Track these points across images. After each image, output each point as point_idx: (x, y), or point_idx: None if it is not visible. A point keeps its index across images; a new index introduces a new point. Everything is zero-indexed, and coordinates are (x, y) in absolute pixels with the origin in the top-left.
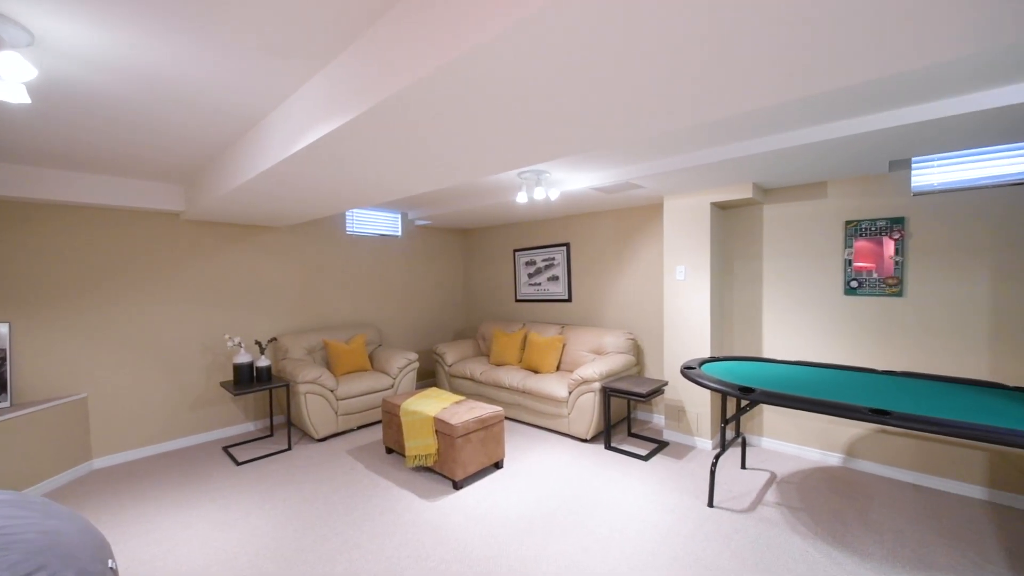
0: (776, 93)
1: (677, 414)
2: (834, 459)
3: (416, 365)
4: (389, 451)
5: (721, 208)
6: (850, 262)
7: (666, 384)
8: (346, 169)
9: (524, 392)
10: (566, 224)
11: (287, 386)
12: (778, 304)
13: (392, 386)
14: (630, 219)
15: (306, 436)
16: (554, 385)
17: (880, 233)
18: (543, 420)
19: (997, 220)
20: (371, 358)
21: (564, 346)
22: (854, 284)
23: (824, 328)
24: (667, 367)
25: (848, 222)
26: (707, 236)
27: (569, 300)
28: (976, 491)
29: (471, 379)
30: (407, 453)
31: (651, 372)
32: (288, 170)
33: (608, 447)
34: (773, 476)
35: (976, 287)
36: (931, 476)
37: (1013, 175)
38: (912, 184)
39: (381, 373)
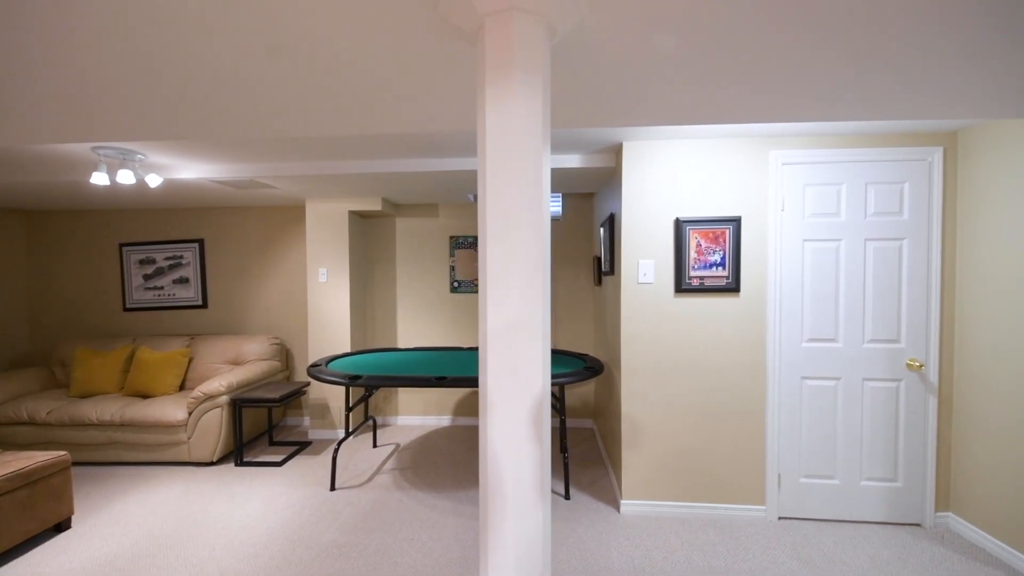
0: (326, 128)
1: (322, 412)
2: (446, 421)
3: None
4: None
5: (361, 216)
6: (454, 268)
7: (308, 385)
8: None
9: (124, 424)
10: (199, 217)
11: None
12: (408, 301)
13: None
14: (275, 219)
15: None
16: (168, 408)
17: (471, 246)
18: (154, 453)
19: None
20: None
21: (191, 360)
22: (456, 284)
23: (438, 318)
24: None
25: (452, 237)
26: (346, 241)
27: (204, 306)
28: None
29: (32, 423)
30: None
31: (301, 375)
32: None
33: (240, 463)
34: (397, 446)
35: None
36: None
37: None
38: None
39: None
